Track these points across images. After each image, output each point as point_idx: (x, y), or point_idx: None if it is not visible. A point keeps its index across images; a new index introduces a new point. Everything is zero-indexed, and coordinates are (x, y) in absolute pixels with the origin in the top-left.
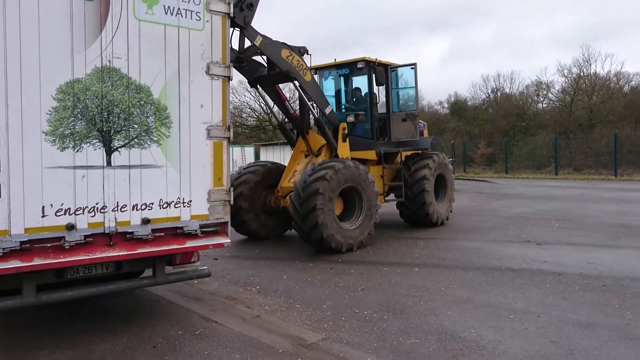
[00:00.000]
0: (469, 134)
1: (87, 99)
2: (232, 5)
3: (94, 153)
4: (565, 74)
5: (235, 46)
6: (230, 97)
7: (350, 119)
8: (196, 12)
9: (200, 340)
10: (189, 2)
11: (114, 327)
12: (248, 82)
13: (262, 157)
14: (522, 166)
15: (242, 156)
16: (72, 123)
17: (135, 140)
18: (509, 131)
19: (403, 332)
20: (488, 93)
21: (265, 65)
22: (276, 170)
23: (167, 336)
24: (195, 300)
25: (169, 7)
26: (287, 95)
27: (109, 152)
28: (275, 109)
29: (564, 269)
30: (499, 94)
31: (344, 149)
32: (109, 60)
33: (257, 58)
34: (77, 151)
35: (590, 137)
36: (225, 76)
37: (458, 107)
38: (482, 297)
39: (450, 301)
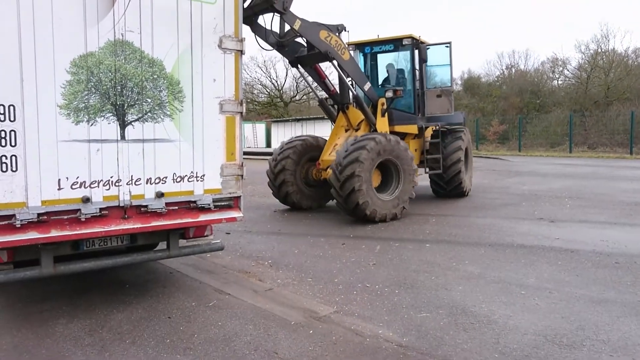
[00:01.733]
0: (482, 110)
1: (100, 72)
2: None
3: (108, 127)
4: (582, 50)
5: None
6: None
7: (389, 94)
8: None
9: (213, 312)
10: None
11: (129, 298)
12: (289, 62)
13: (273, 134)
14: (535, 144)
15: (254, 133)
16: (86, 97)
17: (149, 114)
18: (523, 108)
19: (414, 306)
20: (502, 70)
21: (305, 45)
22: (316, 144)
23: (182, 307)
24: (208, 273)
25: None
26: (327, 71)
27: (123, 125)
28: (315, 85)
29: (577, 246)
30: (513, 70)
31: (382, 124)
32: (122, 34)
33: (298, 39)
34: (92, 125)
35: (606, 114)
36: (237, 50)
37: (471, 83)
38: (494, 273)
39: (461, 277)
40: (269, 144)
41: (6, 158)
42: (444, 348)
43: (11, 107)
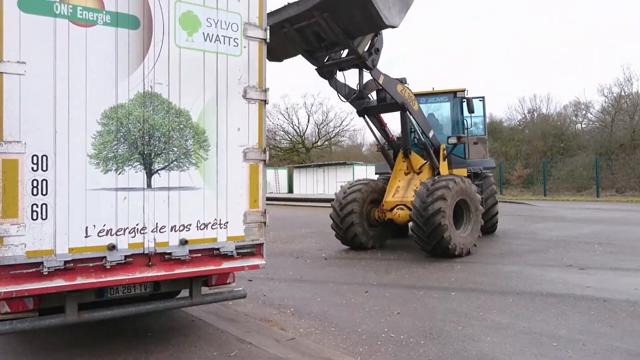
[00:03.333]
0: (505, 155)
1: (129, 123)
2: (268, 31)
3: (135, 175)
4: (605, 94)
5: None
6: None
7: (452, 140)
8: (234, 39)
9: None
10: (227, 29)
11: (151, 347)
12: (357, 112)
13: (295, 179)
14: (561, 188)
15: (276, 178)
16: (115, 146)
17: (175, 162)
18: (547, 152)
19: (440, 358)
20: (524, 114)
21: (371, 97)
22: (376, 187)
23: (203, 357)
24: (230, 321)
25: (208, 34)
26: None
27: (150, 174)
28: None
29: (609, 294)
30: (535, 114)
31: (444, 167)
32: (151, 86)
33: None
34: (120, 173)
35: (633, 158)
36: (261, 100)
37: (493, 128)
38: (523, 323)
39: (489, 327)
40: (291, 190)
41: (37, 206)
42: None
43: (44, 157)
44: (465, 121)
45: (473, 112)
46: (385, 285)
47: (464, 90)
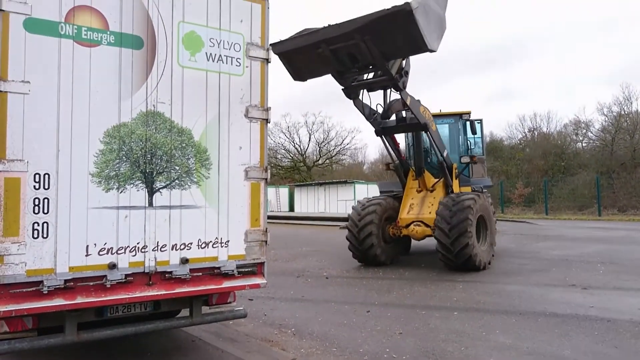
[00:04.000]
0: (505, 173)
1: (132, 142)
2: (270, 51)
3: (136, 194)
4: (605, 113)
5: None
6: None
7: (466, 160)
8: (236, 59)
9: None
10: (229, 49)
11: None
12: (375, 131)
13: (297, 198)
14: (562, 207)
15: (277, 196)
16: (117, 165)
17: (176, 181)
18: (548, 171)
19: None
20: (525, 132)
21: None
22: (391, 205)
23: None
24: (230, 341)
25: (210, 54)
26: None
27: (151, 192)
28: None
29: (613, 315)
30: (536, 133)
31: (456, 185)
32: (154, 105)
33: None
34: (121, 192)
35: (634, 176)
36: (263, 119)
37: (494, 146)
38: (527, 343)
39: (492, 347)
40: (292, 208)
41: (38, 225)
42: None
43: (46, 176)
44: (468, 142)
45: (476, 133)
46: (387, 304)
47: (468, 113)
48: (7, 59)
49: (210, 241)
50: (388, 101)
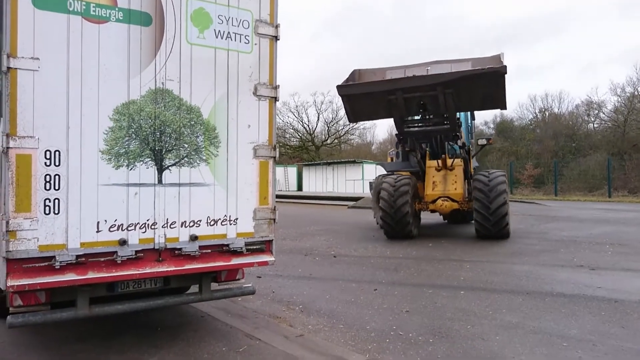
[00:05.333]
0: (515, 154)
1: (141, 119)
2: (279, 29)
3: (146, 171)
4: (618, 93)
5: None
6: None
7: (482, 142)
8: (245, 36)
9: (244, 358)
10: (238, 26)
11: (160, 342)
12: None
13: (305, 177)
14: (572, 188)
15: (285, 176)
16: (127, 142)
17: (185, 159)
18: (558, 152)
19: (449, 357)
20: (535, 113)
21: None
22: (413, 182)
23: (212, 352)
24: (239, 317)
25: (219, 31)
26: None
27: (160, 170)
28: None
29: (621, 295)
30: (547, 114)
31: (472, 165)
32: (163, 83)
33: None
34: (131, 169)
35: None
36: (272, 97)
37: (504, 127)
38: (533, 322)
39: (498, 326)
40: (300, 188)
41: (50, 201)
42: None
43: (57, 153)
44: (469, 126)
45: (474, 119)
46: (394, 283)
47: None
48: (16, 36)
49: (219, 219)
50: (435, 145)
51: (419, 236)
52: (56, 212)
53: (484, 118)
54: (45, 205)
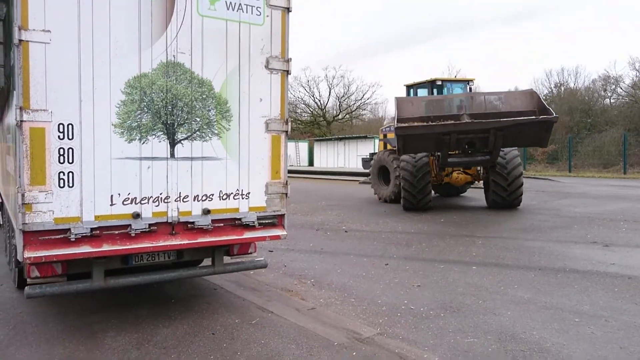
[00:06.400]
0: None
1: (152, 92)
2: (291, 1)
3: (158, 145)
4: (637, 67)
5: None
6: None
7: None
8: (256, 7)
9: (256, 330)
10: None
11: (174, 313)
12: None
13: (316, 152)
14: (587, 164)
15: (296, 151)
16: (139, 116)
17: (197, 132)
18: (573, 128)
19: (460, 331)
20: (551, 88)
21: None
22: (429, 156)
23: (225, 324)
24: (251, 290)
25: (230, 2)
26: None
27: (173, 144)
28: None
29: (634, 272)
30: (562, 89)
31: None
32: (174, 55)
33: None
34: (143, 143)
35: None
36: (284, 70)
37: None
38: (545, 298)
39: (510, 301)
40: (311, 163)
41: (64, 174)
42: None
43: (70, 126)
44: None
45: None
46: (406, 258)
47: (473, 80)
48: (27, 8)
49: (232, 193)
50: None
51: (431, 212)
52: (70, 185)
53: None
54: (59, 179)
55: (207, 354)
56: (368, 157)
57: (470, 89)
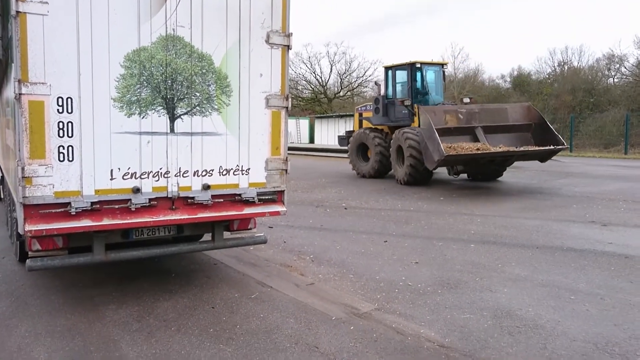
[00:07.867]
0: None
1: (152, 66)
2: None
3: (158, 120)
4: None
5: None
6: None
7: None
8: None
9: (256, 304)
10: None
11: (174, 287)
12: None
13: (317, 129)
14: (588, 144)
15: (297, 128)
16: (139, 90)
17: (197, 107)
18: (576, 107)
19: (457, 307)
20: (554, 67)
21: None
22: None
23: (225, 298)
24: (251, 265)
25: None
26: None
27: (172, 119)
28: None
29: (631, 251)
30: (565, 67)
31: None
32: (173, 29)
33: None
34: (143, 117)
35: None
36: (284, 45)
37: (521, 80)
38: (542, 276)
39: (507, 278)
40: (312, 140)
41: (63, 148)
42: (488, 351)
43: (69, 100)
44: (443, 86)
45: (445, 80)
46: (404, 235)
47: (447, 64)
48: None
49: (232, 168)
50: None
51: (430, 190)
52: (70, 159)
53: (501, 72)
54: (59, 152)
55: (207, 327)
56: (344, 135)
57: (443, 72)
